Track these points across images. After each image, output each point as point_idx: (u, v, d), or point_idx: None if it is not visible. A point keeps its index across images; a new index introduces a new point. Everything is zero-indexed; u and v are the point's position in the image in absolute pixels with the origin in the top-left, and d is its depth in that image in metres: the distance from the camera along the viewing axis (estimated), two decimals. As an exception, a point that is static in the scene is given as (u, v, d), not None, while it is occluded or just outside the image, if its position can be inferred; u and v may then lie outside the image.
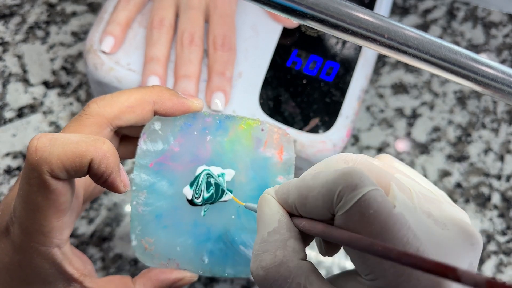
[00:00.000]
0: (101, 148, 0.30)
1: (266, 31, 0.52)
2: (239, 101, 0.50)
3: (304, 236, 0.30)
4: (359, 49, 0.52)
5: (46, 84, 0.57)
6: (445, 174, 0.56)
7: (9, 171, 0.53)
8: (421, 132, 0.58)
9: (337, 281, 0.30)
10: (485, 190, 0.56)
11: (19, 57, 0.58)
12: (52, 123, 0.55)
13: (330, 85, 0.51)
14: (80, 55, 0.58)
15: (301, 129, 0.49)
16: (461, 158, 0.57)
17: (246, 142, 0.37)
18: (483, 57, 0.29)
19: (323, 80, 0.51)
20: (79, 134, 0.32)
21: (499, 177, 0.57)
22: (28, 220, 0.31)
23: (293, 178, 0.35)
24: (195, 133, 0.37)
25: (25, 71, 0.57)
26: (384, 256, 0.24)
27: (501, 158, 0.57)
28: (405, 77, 0.60)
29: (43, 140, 0.30)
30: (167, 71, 0.50)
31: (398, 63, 0.61)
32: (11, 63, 0.58)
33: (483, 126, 0.59)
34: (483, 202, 0.55)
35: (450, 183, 0.56)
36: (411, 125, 0.58)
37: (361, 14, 0.28)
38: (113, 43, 0.50)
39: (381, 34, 0.28)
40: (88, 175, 0.31)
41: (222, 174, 0.37)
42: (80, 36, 0.59)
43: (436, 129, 0.58)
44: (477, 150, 0.58)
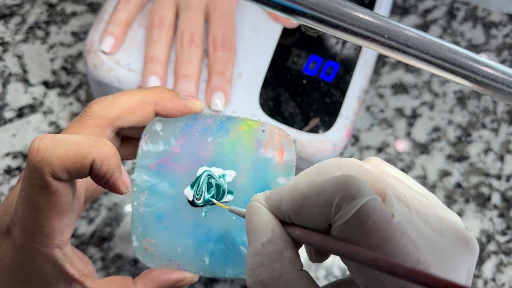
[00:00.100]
0: (103, 149, 0.30)
1: (266, 31, 0.52)
2: (239, 101, 0.50)
3: (295, 243, 0.29)
4: (359, 49, 0.52)
5: (46, 84, 0.57)
6: (445, 174, 0.56)
7: (9, 171, 0.53)
8: (421, 132, 0.58)
9: None
10: (485, 190, 0.56)
11: (19, 57, 0.58)
12: (52, 123, 0.55)
13: (330, 85, 0.51)
14: (80, 55, 0.58)
15: (301, 129, 0.49)
16: (461, 158, 0.57)
17: (247, 143, 0.37)
18: (483, 57, 0.29)
19: (323, 80, 0.51)
20: (81, 135, 0.32)
21: (499, 177, 0.57)
22: (30, 221, 0.31)
23: None
24: (196, 134, 0.37)
25: (25, 71, 0.57)
26: (389, 272, 0.23)
27: (501, 158, 0.57)
28: (405, 77, 0.60)
29: (44, 141, 0.30)
30: (167, 71, 0.50)
31: (398, 63, 0.61)
32: (11, 63, 0.58)
33: (483, 126, 0.59)
34: (483, 202, 0.56)
35: (450, 183, 0.56)
36: (411, 125, 0.58)
37: (361, 14, 0.28)
38: (113, 43, 0.50)
39: (381, 34, 0.28)
40: (89, 176, 0.31)
41: (223, 175, 0.37)
42: (80, 36, 0.59)
43: (436, 129, 0.58)
44: (477, 150, 0.58)
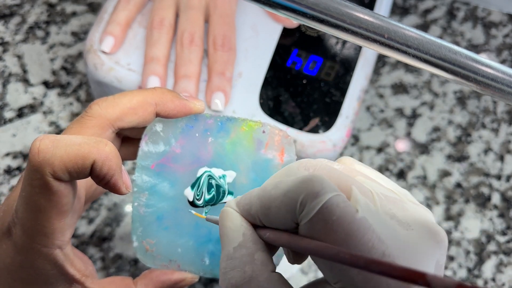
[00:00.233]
0: (104, 150, 0.30)
1: (266, 31, 0.52)
2: (239, 101, 0.50)
3: (269, 246, 0.30)
4: (359, 49, 0.53)
5: (46, 84, 0.57)
6: (445, 174, 0.56)
7: (9, 171, 0.53)
8: (421, 132, 0.58)
9: None
10: (485, 190, 0.56)
11: (19, 57, 0.58)
12: (52, 123, 0.55)
13: (330, 85, 0.51)
14: (80, 55, 0.58)
15: (301, 129, 0.49)
16: (461, 158, 0.57)
17: (247, 144, 0.37)
18: (483, 57, 0.29)
19: (323, 80, 0.51)
20: (82, 135, 0.32)
21: (499, 177, 0.57)
22: (30, 221, 0.31)
23: None
24: (197, 134, 0.37)
25: (25, 71, 0.57)
26: (352, 264, 0.24)
27: (501, 158, 0.58)
28: (405, 77, 0.60)
29: (45, 142, 0.30)
30: (167, 71, 0.50)
31: (398, 63, 0.61)
32: (11, 63, 0.58)
33: (483, 126, 0.59)
34: (483, 202, 0.56)
35: (450, 183, 0.56)
36: (411, 125, 0.58)
37: (361, 14, 0.28)
38: (113, 43, 0.50)
39: (381, 34, 0.28)
40: (90, 176, 0.31)
41: (223, 176, 0.37)
42: (80, 36, 0.59)
43: (436, 129, 0.58)
44: (477, 150, 0.58)
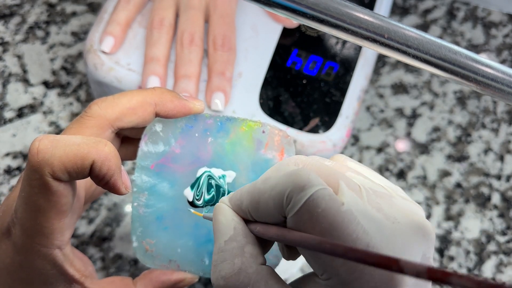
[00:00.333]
0: (103, 150, 0.30)
1: (266, 31, 0.52)
2: (239, 101, 0.50)
3: (263, 241, 0.30)
4: (359, 49, 0.52)
5: (46, 84, 0.57)
6: (445, 174, 0.56)
7: (9, 171, 0.53)
8: (421, 132, 0.58)
9: (296, 284, 0.30)
10: (485, 190, 0.56)
11: (19, 57, 0.58)
12: (52, 123, 0.55)
13: (330, 85, 0.51)
14: (80, 55, 0.58)
15: (301, 129, 0.49)
16: (461, 158, 0.57)
17: (247, 144, 0.37)
18: (483, 57, 0.29)
19: (323, 80, 0.51)
20: (81, 136, 0.32)
21: (499, 177, 0.57)
22: (30, 221, 0.31)
23: None
24: (196, 135, 0.37)
25: (25, 71, 0.57)
26: (332, 253, 0.24)
27: (501, 158, 0.57)
28: (405, 77, 0.60)
29: (45, 142, 0.30)
30: (167, 71, 0.50)
31: (398, 63, 0.61)
32: (11, 63, 0.58)
33: (483, 126, 0.59)
34: (483, 202, 0.56)
35: (450, 183, 0.56)
36: (411, 125, 0.58)
37: (361, 14, 0.28)
38: (113, 43, 0.50)
39: (381, 34, 0.28)
40: (89, 177, 0.31)
41: (223, 176, 0.37)
42: (80, 36, 0.59)
43: (436, 129, 0.58)
44: (477, 150, 0.58)
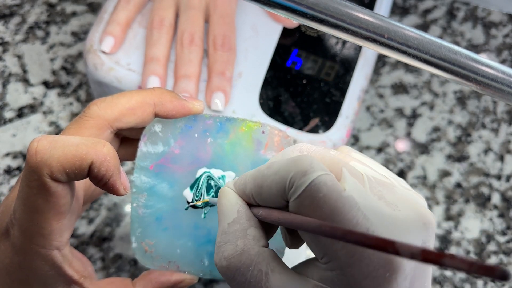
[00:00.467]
0: (102, 150, 0.30)
1: (266, 31, 0.52)
2: (239, 101, 0.50)
3: (266, 227, 0.31)
4: (359, 49, 0.52)
5: (46, 84, 0.57)
6: (445, 174, 0.56)
7: (9, 171, 0.53)
8: (421, 132, 0.58)
9: (298, 268, 0.31)
10: (485, 190, 0.56)
11: (19, 57, 0.58)
12: (52, 123, 0.55)
13: (330, 85, 0.51)
14: (80, 55, 0.58)
15: (301, 129, 0.49)
16: (461, 158, 0.57)
17: (246, 144, 0.37)
18: (483, 57, 0.29)
19: (323, 80, 0.51)
20: (79, 136, 0.32)
21: (499, 177, 0.57)
22: (28, 222, 0.31)
23: None
24: (196, 135, 0.37)
25: (25, 71, 0.57)
26: (331, 236, 0.25)
27: (501, 158, 0.57)
28: (405, 77, 0.60)
29: (43, 143, 0.30)
30: (167, 71, 0.50)
31: (398, 63, 0.60)
32: (11, 63, 0.58)
33: (483, 126, 0.59)
34: (483, 202, 0.55)
35: (450, 183, 0.56)
36: (411, 125, 0.58)
37: (361, 14, 0.28)
38: (113, 43, 0.50)
39: (381, 34, 0.28)
40: (88, 177, 0.31)
41: (222, 177, 0.37)
42: (80, 36, 0.59)
43: (436, 129, 0.58)
44: (477, 150, 0.58)
